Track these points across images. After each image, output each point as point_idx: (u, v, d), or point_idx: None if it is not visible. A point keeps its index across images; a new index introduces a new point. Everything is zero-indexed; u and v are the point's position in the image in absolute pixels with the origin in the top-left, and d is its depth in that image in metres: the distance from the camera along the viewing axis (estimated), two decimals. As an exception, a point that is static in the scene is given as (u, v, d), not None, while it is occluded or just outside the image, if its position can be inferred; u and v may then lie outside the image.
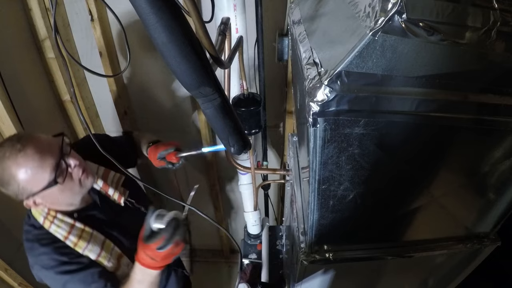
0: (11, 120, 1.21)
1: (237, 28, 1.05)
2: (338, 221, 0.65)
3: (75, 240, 0.92)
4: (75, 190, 0.91)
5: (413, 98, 0.46)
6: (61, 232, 0.91)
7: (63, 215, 0.93)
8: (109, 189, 1.06)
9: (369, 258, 0.73)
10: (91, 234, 0.95)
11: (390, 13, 0.38)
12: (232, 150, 0.59)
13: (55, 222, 0.92)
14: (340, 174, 0.56)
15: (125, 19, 1.31)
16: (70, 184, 0.89)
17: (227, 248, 2.62)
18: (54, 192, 0.86)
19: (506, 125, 0.50)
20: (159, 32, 0.39)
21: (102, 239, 0.97)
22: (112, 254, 0.98)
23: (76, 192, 0.92)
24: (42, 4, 1.32)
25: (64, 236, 0.91)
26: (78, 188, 0.92)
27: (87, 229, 0.95)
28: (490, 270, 0.93)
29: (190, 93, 0.48)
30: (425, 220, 0.71)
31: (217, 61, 0.52)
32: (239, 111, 0.95)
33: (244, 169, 1.22)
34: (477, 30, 0.42)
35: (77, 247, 0.92)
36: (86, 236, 0.94)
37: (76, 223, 0.94)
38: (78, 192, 0.93)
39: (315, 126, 0.48)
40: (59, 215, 0.92)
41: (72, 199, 0.93)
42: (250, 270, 1.45)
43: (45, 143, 0.86)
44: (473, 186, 0.64)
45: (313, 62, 0.51)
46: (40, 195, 0.85)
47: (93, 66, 1.53)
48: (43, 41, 1.39)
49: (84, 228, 0.95)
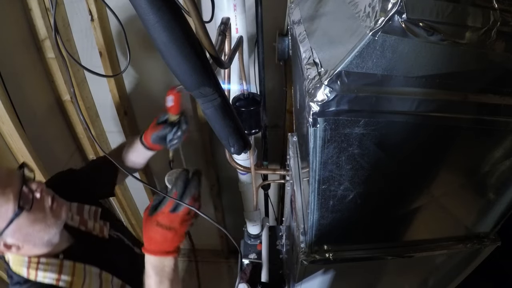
0: (11, 120, 1.21)
1: (237, 28, 1.05)
2: (338, 221, 0.65)
3: (69, 279, 0.81)
4: (48, 221, 0.80)
5: (413, 98, 0.46)
6: (50, 276, 0.80)
7: (47, 258, 0.83)
8: (88, 223, 0.96)
9: (369, 258, 0.73)
10: (84, 268, 0.85)
11: (390, 13, 0.38)
12: (232, 150, 0.59)
13: (40, 267, 0.80)
14: (340, 174, 0.56)
15: (125, 19, 1.31)
16: (40, 214, 0.78)
17: (227, 248, 2.62)
18: (24, 225, 0.76)
19: (506, 125, 0.50)
20: (159, 32, 0.39)
21: (98, 271, 0.87)
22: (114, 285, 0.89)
23: (50, 224, 0.80)
24: (42, 4, 1.31)
25: (55, 279, 0.80)
26: (52, 219, 0.80)
27: (78, 265, 0.85)
28: (490, 270, 0.93)
29: (190, 93, 0.48)
30: (425, 220, 0.71)
31: (217, 61, 0.52)
32: (239, 111, 0.95)
33: (244, 169, 1.22)
34: (477, 30, 0.42)
35: (74, 286, 0.81)
36: (79, 271, 0.84)
37: (64, 261, 0.84)
38: (53, 224, 0.81)
39: (315, 126, 0.48)
40: (42, 259, 0.82)
41: (48, 234, 0.81)
42: (250, 270, 1.45)
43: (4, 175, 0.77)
44: (473, 186, 0.64)
45: (313, 62, 0.51)
46: (10, 232, 0.74)
47: (93, 66, 1.54)
48: (43, 41, 1.39)
49: (74, 264, 0.85)
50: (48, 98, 1.55)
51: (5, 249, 0.77)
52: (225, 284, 2.55)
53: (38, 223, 0.78)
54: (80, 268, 0.85)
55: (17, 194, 0.74)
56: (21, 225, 0.75)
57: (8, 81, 1.21)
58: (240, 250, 1.59)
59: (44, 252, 0.83)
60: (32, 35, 1.39)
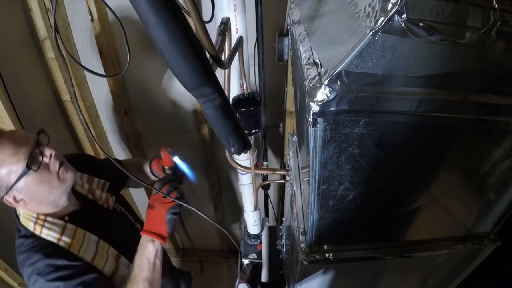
0: (11, 120, 1.21)
1: (237, 28, 1.05)
2: (338, 221, 0.65)
3: (69, 240, 0.90)
4: (54, 184, 0.89)
5: (413, 98, 0.46)
6: (53, 235, 0.89)
7: (53, 218, 0.92)
8: (95, 192, 1.05)
9: (369, 258, 0.73)
10: (84, 234, 0.94)
11: (390, 13, 0.38)
12: (232, 150, 0.59)
13: (45, 225, 0.90)
14: (340, 174, 0.56)
15: (125, 19, 1.31)
16: (47, 176, 0.87)
17: (227, 248, 2.62)
18: (31, 184, 0.85)
19: (506, 125, 0.50)
20: (159, 32, 0.39)
21: (96, 239, 0.96)
22: (109, 254, 0.97)
23: (55, 186, 0.89)
24: (42, 4, 1.32)
25: (57, 238, 0.89)
26: (57, 182, 0.89)
27: (79, 230, 0.94)
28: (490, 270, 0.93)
29: (190, 93, 0.48)
30: (425, 220, 0.71)
31: (217, 61, 0.52)
32: (239, 111, 0.95)
33: (244, 169, 1.22)
34: (477, 30, 0.42)
35: (72, 248, 0.90)
36: (79, 236, 0.93)
37: (67, 224, 0.93)
38: (58, 187, 0.90)
39: (315, 126, 0.48)
40: (49, 218, 0.91)
41: (53, 195, 0.90)
42: (250, 270, 1.45)
43: (22, 136, 0.87)
44: (473, 186, 0.64)
45: (313, 62, 0.51)
46: (18, 188, 0.84)
47: (93, 66, 1.54)
48: (43, 41, 1.39)
49: (76, 229, 0.93)
50: (48, 98, 1.55)
51: (14, 202, 0.87)
52: (225, 284, 2.56)
53: (43, 183, 0.87)
54: (80, 233, 0.93)
55: (28, 155, 0.83)
56: (28, 183, 0.84)
57: (8, 81, 1.21)
58: (240, 250, 1.59)
59: (50, 212, 0.93)
60: (32, 35, 1.39)
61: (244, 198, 1.51)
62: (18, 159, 0.82)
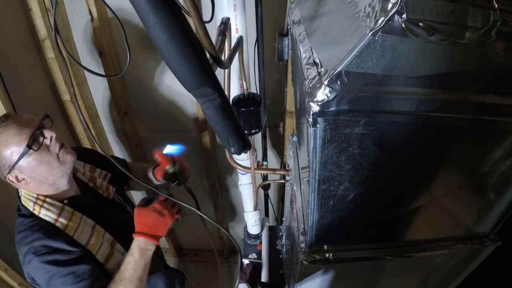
0: (11, 120, 1.21)
1: (237, 28, 1.05)
2: (338, 221, 0.65)
3: (65, 222, 0.93)
4: (53, 164, 0.92)
5: (413, 98, 0.46)
6: (50, 215, 0.93)
7: (53, 199, 0.95)
8: (96, 180, 1.09)
9: (369, 258, 0.73)
10: (80, 217, 0.97)
11: (390, 13, 0.38)
12: (232, 150, 0.59)
13: (44, 206, 0.93)
14: (340, 174, 0.56)
15: (125, 19, 1.31)
16: (47, 156, 0.91)
17: (227, 248, 2.62)
18: (32, 163, 0.88)
19: (506, 125, 0.50)
20: (159, 32, 0.39)
21: (93, 224, 0.98)
22: (104, 239, 0.99)
23: (54, 167, 0.92)
24: (42, 4, 1.31)
25: (54, 219, 0.92)
26: (57, 163, 0.93)
27: (77, 213, 0.97)
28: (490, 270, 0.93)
29: (190, 93, 0.48)
30: (425, 220, 0.71)
31: (217, 61, 0.52)
32: (239, 111, 0.95)
33: (244, 169, 1.22)
34: (477, 30, 0.42)
35: (67, 229, 0.92)
36: (76, 219, 0.95)
37: (65, 207, 0.96)
38: (57, 167, 0.93)
39: (315, 126, 0.48)
40: (48, 199, 0.95)
41: (53, 176, 0.93)
42: (250, 270, 1.45)
43: (26, 118, 0.91)
44: (473, 186, 0.64)
45: (313, 62, 0.51)
46: (20, 167, 0.88)
47: (93, 66, 1.54)
48: (43, 41, 1.39)
49: (73, 212, 0.96)
50: (48, 98, 1.55)
51: (16, 181, 0.91)
52: (225, 284, 2.55)
53: (44, 164, 0.91)
54: (77, 216, 0.97)
55: (30, 136, 0.87)
56: (29, 163, 0.88)
57: (8, 81, 1.21)
58: (240, 250, 1.59)
59: (50, 193, 0.96)
60: (32, 35, 1.39)
61: (244, 198, 1.51)
62: (21, 139, 0.86)
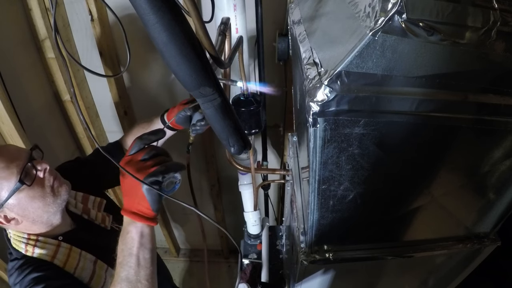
0: (11, 120, 1.21)
1: (237, 28, 1.05)
2: (338, 221, 0.65)
3: (64, 259, 0.83)
4: (48, 200, 0.83)
5: (413, 98, 0.46)
6: (46, 253, 0.83)
7: (46, 237, 0.86)
8: (91, 212, 0.99)
9: (369, 258, 0.73)
10: (79, 253, 0.87)
11: (390, 13, 0.38)
12: (232, 150, 0.59)
13: (37, 244, 0.83)
14: (340, 174, 0.56)
15: (125, 19, 1.30)
16: (40, 191, 0.82)
17: (227, 248, 2.62)
18: (24, 200, 0.79)
19: (506, 125, 0.50)
20: (159, 32, 0.39)
21: (93, 259, 0.89)
22: (108, 274, 0.89)
23: (49, 203, 0.83)
24: (42, 4, 1.31)
25: (50, 256, 0.82)
26: (51, 197, 0.84)
27: (75, 248, 0.87)
28: (490, 270, 0.93)
29: (190, 93, 0.48)
30: (425, 220, 0.71)
31: (217, 61, 0.52)
32: (239, 111, 0.95)
33: (244, 169, 1.22)
34: (477, 30, 0.42)
35: (67, 266, 0.83)
36: (74, 255, 0.86)
37: (61, 243, 0.86)
38: (52, 203, 0.84)
39: (315, 126, 0.48)
40: (41, 238, 0.85)
41: (47, 213, 0.84)
42: (250, 270, 1.45)
43: (14, 150, 0.83)
44: (473, 186, 0.64)
45: (313, 62, 0.51)
46: (9, 205, 0.78)
47: (93, 66, 1.54)
48: (43, 41, 1.39)
49: (71, 247, 0.87)
50: (48, 98, 1.55)
51: (5, 221, 0.81)
52: (225, 284, 2.55)
53: (37, 200, 0.81)
54: (76, 251, 0.87)
55: (21, 169, 0.78)
56: (21, 200, 0.79)
57: (8, 81, 1.21)
58: (240, 250, 1.59)
59: (43, 232, 0.86)
60: (32, 35, 1.38)
61: (244, 198, 1.50)
62: (10, 173, 0.77)
